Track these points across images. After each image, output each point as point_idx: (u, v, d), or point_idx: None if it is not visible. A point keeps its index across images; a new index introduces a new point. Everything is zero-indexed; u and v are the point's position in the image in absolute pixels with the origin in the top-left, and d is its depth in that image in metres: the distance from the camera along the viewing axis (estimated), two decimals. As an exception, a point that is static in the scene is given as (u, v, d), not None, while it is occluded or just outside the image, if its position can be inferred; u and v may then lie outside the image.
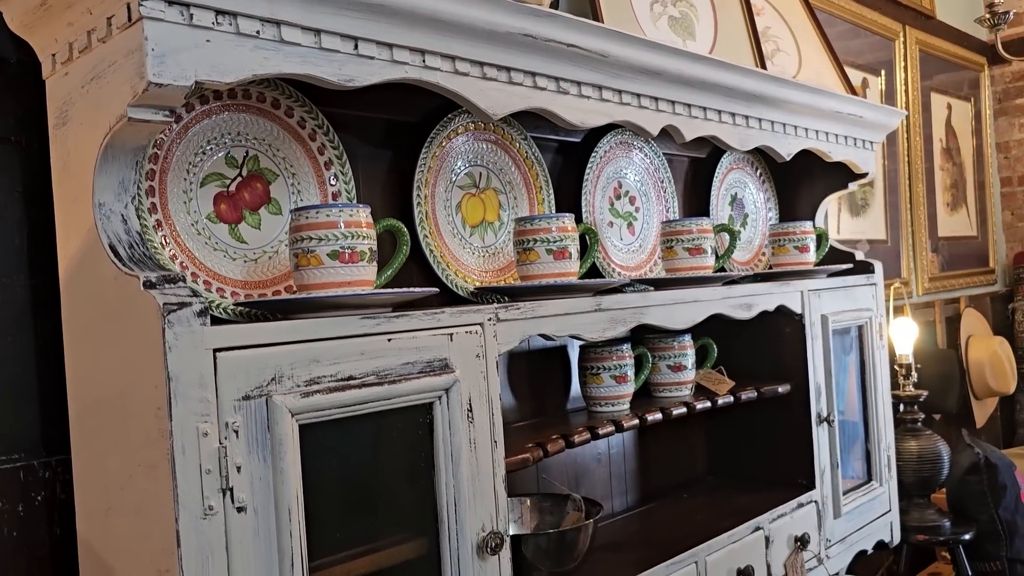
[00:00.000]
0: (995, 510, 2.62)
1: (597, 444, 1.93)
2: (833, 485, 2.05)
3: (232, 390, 0.98)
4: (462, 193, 1.61)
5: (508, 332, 1.31)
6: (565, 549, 1.42)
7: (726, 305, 1.76)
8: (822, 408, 2.03)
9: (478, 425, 1.24)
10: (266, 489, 1.01)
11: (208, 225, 1.25)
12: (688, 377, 1.87)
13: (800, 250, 2.11)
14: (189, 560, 0.94)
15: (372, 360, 1.12)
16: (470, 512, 1.22)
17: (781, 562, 1.87)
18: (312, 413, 1.05)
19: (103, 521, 1.07)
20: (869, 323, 2.24)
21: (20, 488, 1.17)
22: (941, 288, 3.63)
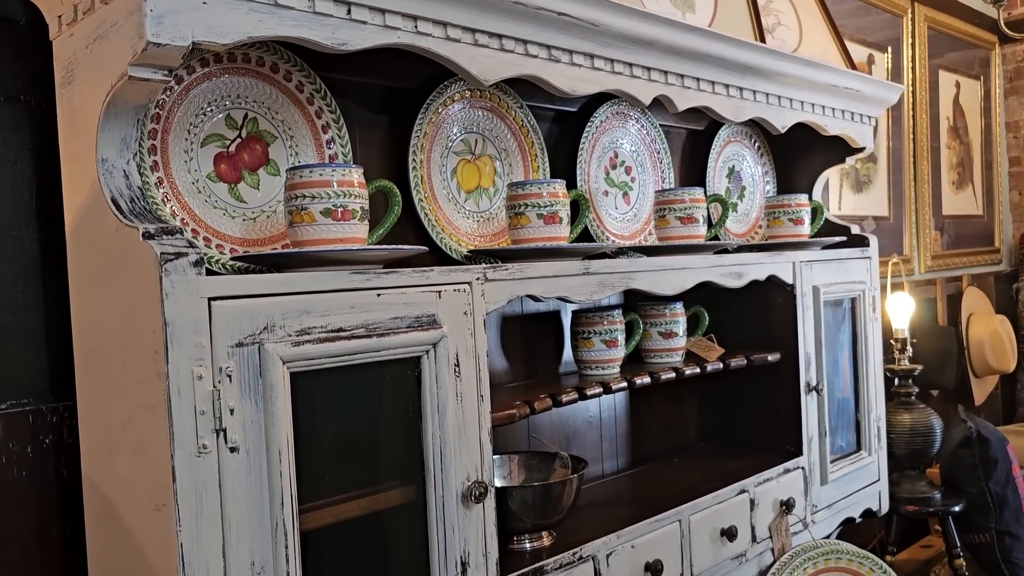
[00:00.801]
0: (986, 483, 2.66)
1: (589, 408, 1.98)
2: (820, 453, 2.09)
3: (226, 337, 1.03)
4: (457, 159, 1.65)
5: (496, 292, 1.36)
6: (550, 502, 1.48)
7: (715, 273, 1.80)
8: (811, 377, 2.07)
9: (465, 379, 1.29)
10: (258, 432, 1.06)
11: (208, 184, 1.30)
12: (679, 344, 1.92)
13: (795, 222, 2.14)
14: (184, 495, 1.00)
15: (361, 313, 1.17)
16: (455, 462, 1.27)
17: (766, 524, 1.92)
18: (303, 362, 1.10)
19: (106, 460, 1.13)
20: (862, 296, 2.27)
21: (29, 431, 1.23)
22: (944, 266, 3.65)
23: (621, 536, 1.56)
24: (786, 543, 1.97)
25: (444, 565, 1.26)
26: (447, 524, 1.26)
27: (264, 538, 1.06)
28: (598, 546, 1.52)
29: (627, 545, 1.57)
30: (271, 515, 1.07)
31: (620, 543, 1.56)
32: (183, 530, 0.99)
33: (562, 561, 1.45)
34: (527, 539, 1.50)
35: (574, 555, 1.47)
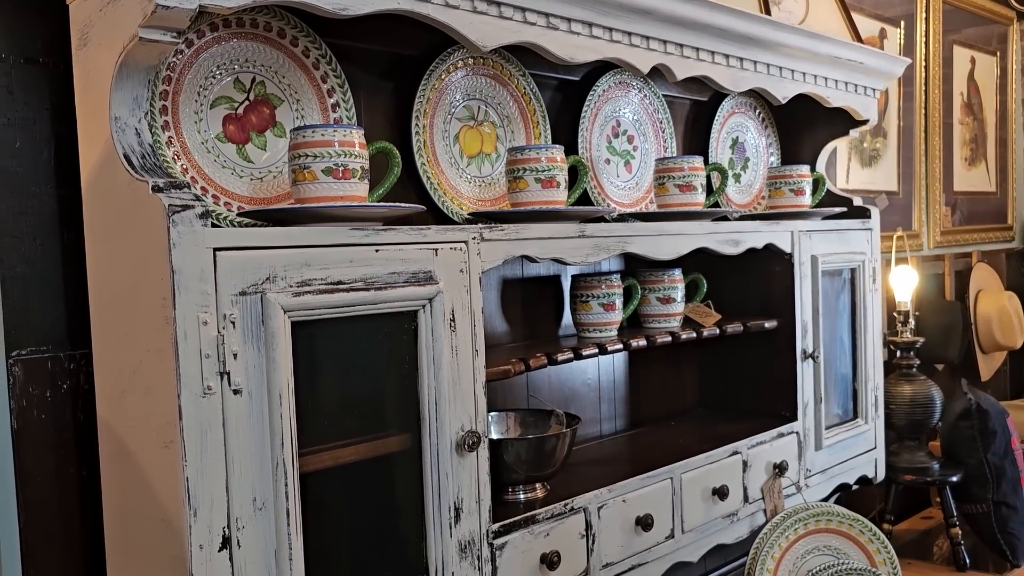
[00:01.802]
0: (984, 454, 2.70)
1: (587, 372, 2.04)
2: (816, 418, 2.14)
3: (230, 286, 1.10)
4: (460, 125, 1.70)
5: (492, 251, 1.41)
6: (543, 455, 1.54)
7: (712, 240, 1.84)
8: (807, 345, 2.11)
9: (460, 334, 1.35)
10: (260, 376, 1.13)
11: (217, 144, 1.36)
12: (676, 310, 1.96)
13: (796, 193, 2.17)
14: (190, 432, 1.06)
15: (360, 268, 1.23)
16: (450, 412, 1.33)
17: (758, 486, 1.97)
18: (303, 311, 1.16)
19: (118, 403, 1.20)
20: (862, 267, 2.30)
21: (48, 377, 1.30)
22: (953, 242, 3.65)
23: (612, 490, 1.62)
24: (779, 505, 2.02)
25: (438, 510, 1.32)
26: (441, 471, 1.32)
27: (265, 476, 1.13)
28: (589, 499, 1.58)
29: (618, 499, 1.63)
30: (272, 454, 1.13)
31: (611, 497, 1.61)
32: (188, 465, 1.06)
33: (554, 511, 1.51)
34: (521, 490, 1.56)
35: (566, 506, 1.54)
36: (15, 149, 1.27)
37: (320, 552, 1.21)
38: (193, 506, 1.07)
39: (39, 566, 1.27)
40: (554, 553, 1.49)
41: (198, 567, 1.07)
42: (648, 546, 1.69)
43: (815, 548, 2.01)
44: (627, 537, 1.65)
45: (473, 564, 1.37)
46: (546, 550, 1.49)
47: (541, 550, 1.48)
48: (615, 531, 1.62)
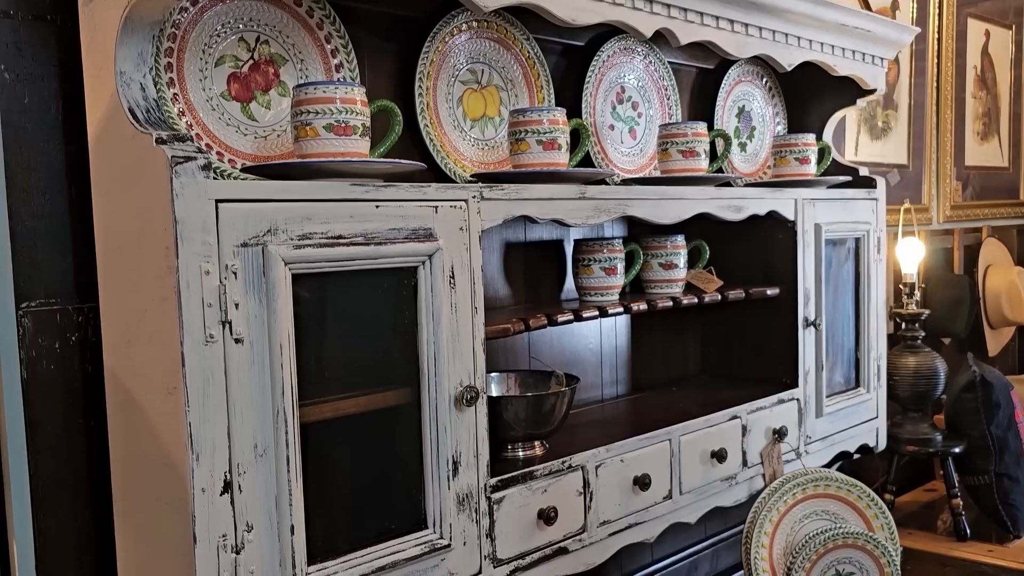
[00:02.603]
0: (987, 427, 2.70)
1: (589, 338, 2.06)
2: (817, 386, 2.16)
3: (231, 237, 1.12)
4: (464, 88, 1.71)
5: (492, 210, 1.43)
6: (542, 413, 1.56)
7: (714, 205, 1.85)
8: (809, 312, 2.12)
9: (459, 291, 1.37)
10: (261, 326, 1.15)
11: (222, 102, 1.38)
12: (679, 275, 1.98)
13: (800, 162, 2.17)
14: (192, 379, 1.09)
15: (360, 223, 1.25)
16: (449, 368, 1.36)
17: (757, 451, 1.99)
18: (304, 264, 1.19)
19: (124, 352, 1.23)
20: (867, 236, 2.31)
21: (57, 329, 1.33)
22: (963, 217, 3.64)
23: (611, 450, 1.64)
24: (777, 470, 2.04)
25: (436, 462, 1.35)
26: (440, 425, 1.35)
27: (266, 424, 1.16)
28: (587, 457, 1.60)
29: (616, 459, 1.65)
30: (273, 403, 1.16)
31: (609, 456, 1.64)
32: (191, 411, 1.09)
33: (552, 468, 1.54)
34: (520, 448, 1.58)
35: (563, 463, 1.56)
36: (24, 105, 1.30)
37: (320, 500, 1.25)
38: (195, 451, 1.10)
39: (49, 510, 1.31)
40: (551, 509, 1.52)
41: (200, 510, 1.10)
42: (646, 506, 1.71)
43: (813, 512, 2.03)
44: (625, 496, 1.67)
45: (471, 517, 1.40)
46: (543, 506, 1.52)
47: (539, 506, 1.51)
48: (613, 490, 1.65)
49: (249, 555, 1.14)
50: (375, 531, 1.31)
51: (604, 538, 1.64)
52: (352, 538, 1.28)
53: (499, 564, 1.46)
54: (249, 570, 1.14)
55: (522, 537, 1.49)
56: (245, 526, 1.14)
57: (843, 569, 1.93)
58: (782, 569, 1.95)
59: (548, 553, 1.54)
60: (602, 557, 1.64)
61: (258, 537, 1.16)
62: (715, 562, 2.38)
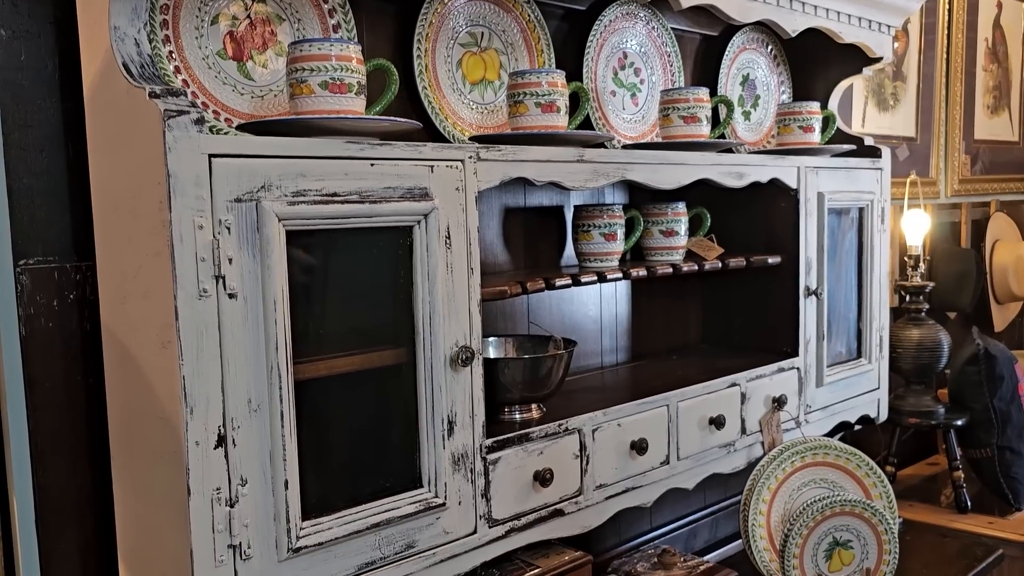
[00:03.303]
0: (990, 400, 2.70)
1: (589, 305, 2.06)
2: (817, 355, 2.15)
3: (225, 192, 1.12)
4: (463, 51, 1.70)
5: (489, 171, 1.42)
6: (538, 375, 1.56)
7: (715, 171, 1.84)
8: (811, 281, 2.12)
9: (455, 252, 1.37)
10: (255, 282, 1.16)
11: (218, 60, 1.38)
12: (679, 243, 1.97)
13: (804, 130, 2.16)
14: (186, 333, 1.10)
15: (355, 181, 1.25)
16: (444, 328, 1.36)
17: (757, 419, 1.99)
18: (298, 220, 1.19)
19: (121, 309, 1.23)
20: (870, 206, 2.29)
21: (55, 286, 1.34)
22: (972, 191, 3.61)
23: (608, 414, 1.65)
24: (776, 438, 2.04)
25: (432, 422, 1.36)
26: (435, 384, 1.35)
27: (260, 379, 1.16)
28: (584, 420, 1.61)
29: (613, 423, 1.66)
30: (267, 358, 1.17)
31: (606, 420, 1.64)
32: (185, 364, 1.10)
33: (548, 431, 1.55)
34: (517, 410, 1.59)
35: (560, 426, 1.57)
36: (20, 62, 1.29)
37: (314, 456, 1.25)
38: (189, 404, 1.10)
39: (48, 466, 1.32)
40: (547, 471, 1.52)
41: (194, 462, 1.11)
42: (643, 470, 1.72)
43: (811, 481, 2.03)
44: (622, 460, 1.68)
45: (466, 476, 1.41)
46: (539, 467, 1.52)
47: (534, 467, 1.52)
48: (610, 454, 1.65)
49: (243, 508, 1.15)
50: (370, 489, 1.32)
51: (600, 501, 1.65)
52: (347, 495, 1.29)
53: (494, 524, 1.46)
54: (244, 523, 1.16)
55: (518, 498, 1.50)
56: (239, 480, 1.15)
57: (840, 536, 1.93)
58: (779, 536, 1.95)
59: (544, 515, 1.55)
60: (599, 520, 1.65)
61: (252, 491, 1.17)
62: (714, 530, 2.39)
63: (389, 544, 1.32)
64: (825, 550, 1.93)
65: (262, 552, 1.18)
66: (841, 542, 1.94)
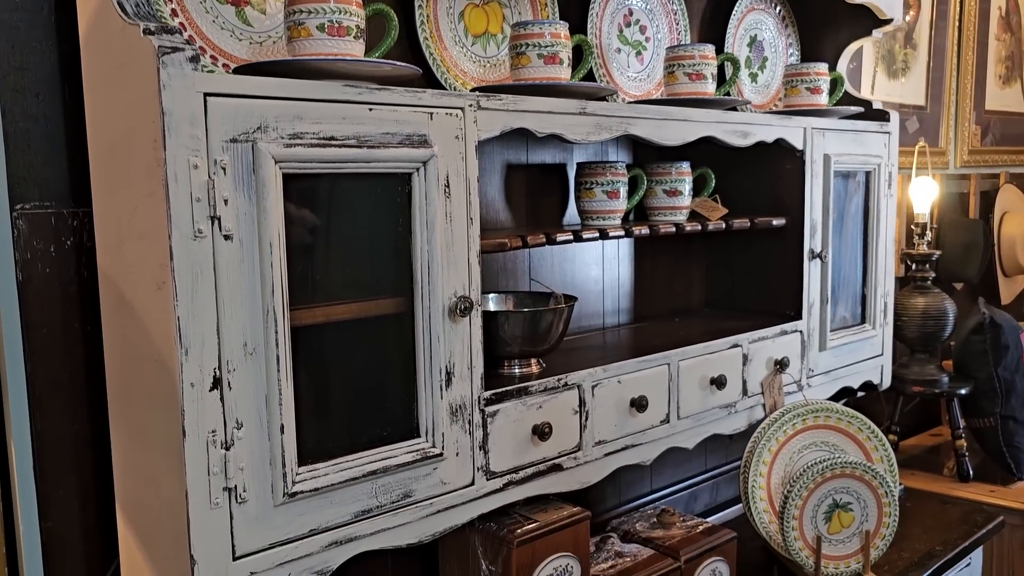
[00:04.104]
0: (995, 369, 2.68)
1: (591, 266, 2.04)
2: (821, 319, 2.14)
3: (220, 132, 1.11)
4: (465, 2, 1.68)
5: (489, 120, 1.40)
6: (538, 330, 1.56)
7: (720, 129, 1.82)
8: (815, 244, 2.10)
9: (455, 201, 1.36)
10: (251, 224, 1.15)
11: (216, 4, 1.36)
12: (683, 203, 1.95)
13: (812, 91, 2.13)
14: (181, 274, 1.09)
15: (353, 125, 1.23)
16: (443, 277, 1.35)
17: (758, 381, 1.98)
18: (295, 163, 1.17)
19: (117, 252, 1.23)
20: (877, 170, 2.27)
21: (52, 232, 1.33)
22: (981, 162, 3.57)
23: (608, 370, 1.64)
24: (778, 401, 2.03)
25: (430, 372, 1.35)
26: (433, 334, 1.35)
27: (256, 322, 1.16)
28: (584, 376, 1.60)
29: (613, 379, 1.65)
30: (263, 302, 1.16)
31: (606, 376, 1.63)
32: (180, 305, 1.09)
33: (547, 385, 1.54)
34: (516, 365, 1.58)
35: (559, 381, 1.56)
36: (16, 3, 1.28)
37: (311, 402, 1.25)
38: (184, 345, 1.10)
39: (45, 412, 1.32)
40: (546, 424, 1.52)
41: (189, 404, 1.11)
42: (642, 428, 1.71)
43: (812, 444, 2.03)
44: (621, 417, 1.67)
45: (464, 428, 1.41)
46: (538, 421, 1.52)
47: (533, 421, 1.51)
48: (609, 410, 1.64)
49: (239, 452, 1.15)
50: (367, 437, 1.31)
51: (600, 458, 1.64)
52: (344, 442, 1.29)
53: (492, 477, 1.46)
54: (239, 466, 1.15)
55: (516, 451, 1.49)
56: (235, 423, 1.15)
57: (840, 499, 1.93)
58: (779, 498, 1.95)
59: (542, 469, 1.54)
60: (597, 476, 1.65)
61: (248, 435, 1.16)
62: (714, 494, 2.39)
63: (386, 492, 1.32)
64: (825, 512, 1.93)
65: (258, 496, 1.18)
66: (841, 504, 1.93)
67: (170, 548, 1.16)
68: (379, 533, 1.32)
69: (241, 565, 1.17)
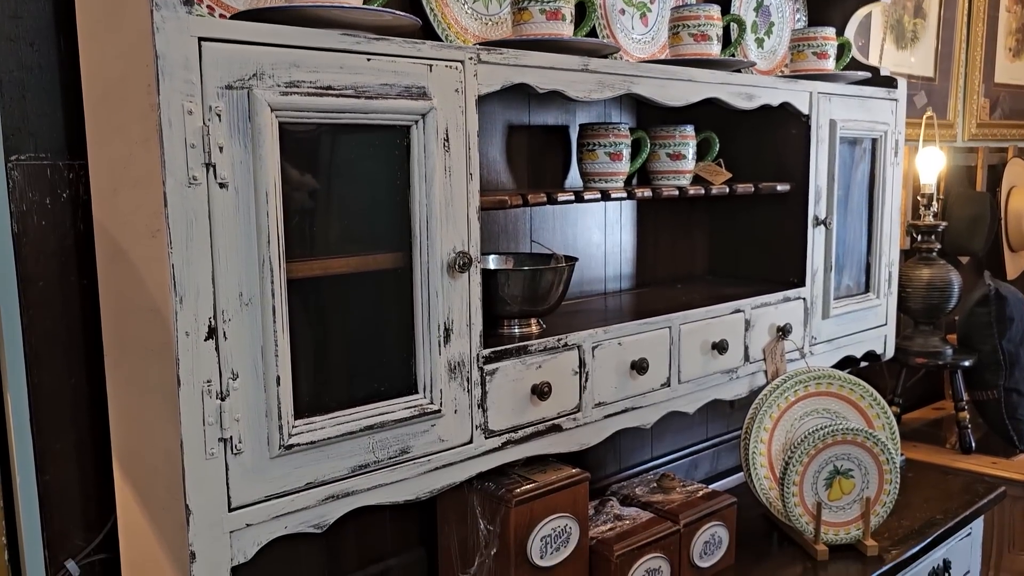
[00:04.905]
0: (999, 341, 2.67)
1: (594, 231, 2.03)
2: (824, 286, 2.12)
3: (215, 78, 1.09)
4: (467, -42, 1.66)
5: (490, 74, 1.39)
6: (538, 289, 1.54)
7: (725, 91, 1.80)
8: (820, 211, 2.08)
9: (454, 155, 1.34)
10: (246, 173, 1.13)
11: (212, -46, 1.34)
12: (687, 167, 1.93)
13: (819, 56, 2.10)
14: (175, 221, 1.08)
15: (351, 75, 1.22)
16: (442, 232, 1.34)
17: (760, 347, 1.97)
18: (291, 112, 1.16)
19: (112, 201, 1.21)
20: (884, 137, 2.24)
21: (48, 184, 1.31)
22: (990, 136, 3.54)
23: (608, 332, 1.63)
24: (780, 368, 2.02)
25: (428, 328, 1.34)
26: (431, 289, 1.33)
27: (252, 272, 1.15)
28: (584, 337, 1.59)
29: (614, 341, 1.64)
30: (258, 252, 1.15)
31: (607, 338, 1.62)
32: (174, 252, 1.08)
33: (547, 345, 1.53)
34: (516, 324, 1.57)
35: (559, 341, 1.55)
36: (9, -50, 1.26)
37: (307, 356, 1.24)
38: (179, 294, 1.09)
39: (43, 365, 1.31)
40: (545, 384, 1.51)
41: (184, 353, 1.10)
42: (643, 391, 1.70)
43: (813, 411, 2.02)
44: (621, 380, 1.66)
45: (463, 385, 1.40)
46: (537, 381, 1.51)
47: (532, 381, 1.50)
48: (609, 372, 1.63)
49: (234, 402, 1.14)
50: (364, 392, 1.31)
51: (599, 419, 1.63)
52: (341, 396, 1.28)
53: (491, 435, 1.45)
54: (235, 417, 1.15)
55: (515, 410, 1.49)
56: (230, 374, 1.14)
57: (841, 465, 1.92)
58: (780, 464, 1.94)
59: (541, 429, 1.53)
60: (597, 438, 1.64)
61: (244, 386, 1.15)
62: (715, 463, 2.39)
63: (383, 448, 1.31)
64: (825, 479, 1.92)
65: (253, 448, 1.17)
66: (842, 471, 1.93)
67: (166, 499, 1.16)
68: (376, 488, 1.32)
69: (237, 516, 1.17)
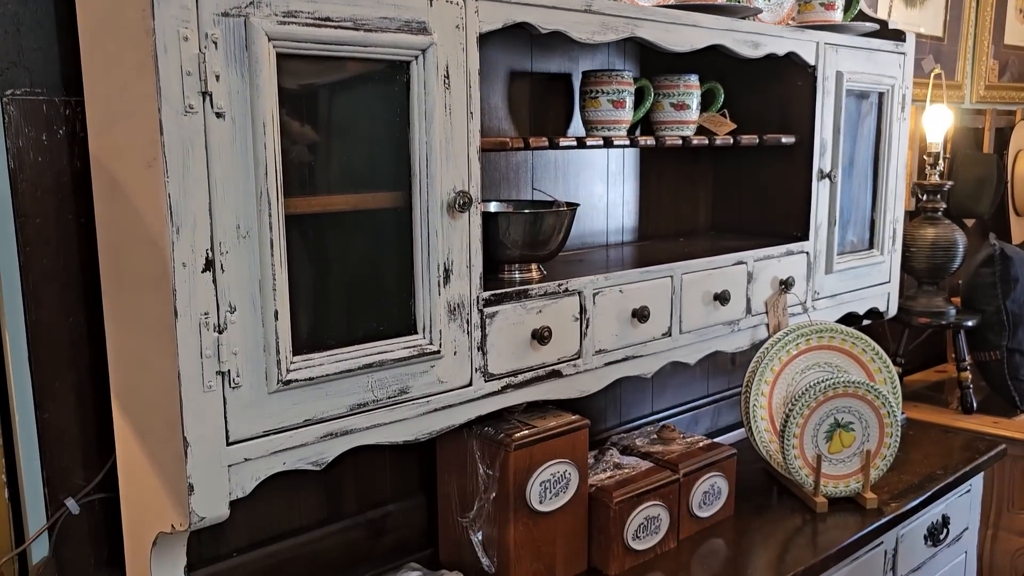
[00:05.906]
0: (1003, 301, 2.65)
1: (596, 183, 2.01)
2: (828, 241, 2.11)
3: (212, 4, 1.07)
4: (469, -103, 1.62)
5: (491, 12, 1.36)
6: (539, 233, 1.53)
7: (730, 38, 1.77)
8: (825, 164, 2.06)
9: (454, 93, 1.33)
10: (243, 103, 1.12)
11: None
12: (691, 117, 1.91)
13: (826, 7, 2.07)
14: (171, 150, 1.06)
15: (349, 7, 1.20)
16: (441, 171, 1.32)
17: (763, 300, 1.96)
18: (289, 42, 1.14)
19: (107, 134, 1.20)
20: (891, 92, 2.21)
21: (44, 120, 1.30)
22: (998, 99, 3.50)
23: (609, 279, 1.62)
24: (782, 321, 2.01)
25: (427, 268, 1.33)
26: (431, 229, 1.32)
27: (249, 205, 1.13)
28: (585, 283, 1.58)
29: (615, 289, 1.63)
30: (256, 184, 1.13)
31: (608, 285, 1.61)
32: (170, 182, 1.07)
33: (548, 289, 1.52)
34: (516, 269, 1.56)
35: (560, 286, 1.54)
36: None
37: (306, 292, 1.23)
38: (175, 224, 1.08)
39: (41, 303, 1.31)
40: (545, 329, 1.50)
41: (181, 285, 1.09)
42: (643, 340, 1.70)
43: (815, 364, 2.01)
44: (623, 327, 1.65)
45: (463, 327, 1.39)
46: (537, 326, 1.50)
47: (533, 325, 1.50)
48: (610, 319, 1.63)
49: (232, 336, 1.14)
50: (363, 331, 1.30)
51: (600, 367, 1.63)
52: (339, 334, 1.27)
53: (491, 379, 1.45)
54: (232, 351, 1.14)
55: (515, 354, 1.48)
56: (228, 307, 1.13)
57: (841, 418, 1.92)
58: (780, 417, 1.94)
59: (541, 374, 1.53)
60: (597, 386, 1.63)
61: (241, 319, 1.15)
62: (716, 418, 2.39)
63: (382, 387, 1.31)
64: (826, 431, 1.92)
65: (251, 382, 1.17)
66: (842, 424, 1.92)
67: (164, 433, 1.16)
68: (375, 428, 1.32)
69: (235, 450, 1.17)
